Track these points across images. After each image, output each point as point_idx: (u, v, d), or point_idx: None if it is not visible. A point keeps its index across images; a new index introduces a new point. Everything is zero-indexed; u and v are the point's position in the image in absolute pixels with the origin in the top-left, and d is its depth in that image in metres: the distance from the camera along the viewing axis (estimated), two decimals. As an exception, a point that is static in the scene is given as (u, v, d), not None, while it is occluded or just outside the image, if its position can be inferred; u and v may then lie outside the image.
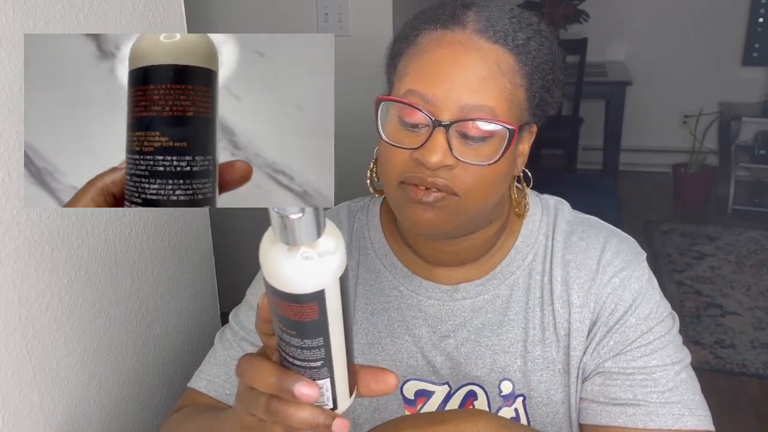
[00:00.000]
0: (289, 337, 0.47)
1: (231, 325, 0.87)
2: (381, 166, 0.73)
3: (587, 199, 0.93)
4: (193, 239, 1.25)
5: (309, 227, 0.42)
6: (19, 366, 0.85)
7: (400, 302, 0.82)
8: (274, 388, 0.48)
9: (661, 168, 4.16)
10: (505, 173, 0.72)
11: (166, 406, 1.18)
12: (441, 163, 0.66)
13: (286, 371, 0.49)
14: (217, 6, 2.24)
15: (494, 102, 0.67)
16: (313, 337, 0.46)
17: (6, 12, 0.80)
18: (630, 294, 0.77)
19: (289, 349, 0.48)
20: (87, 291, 0.97)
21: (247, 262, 1.19)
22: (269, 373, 0.49)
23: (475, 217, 0.73)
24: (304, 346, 0.47)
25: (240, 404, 0.53)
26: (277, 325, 0.48)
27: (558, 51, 0.74)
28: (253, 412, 0.51)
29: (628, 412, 0.74)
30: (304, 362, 0.48)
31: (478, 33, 0.68)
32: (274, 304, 0.46)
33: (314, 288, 0.44)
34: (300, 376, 0.48)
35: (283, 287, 0.44)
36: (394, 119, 0.70)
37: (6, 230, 0.81)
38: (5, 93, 0.79)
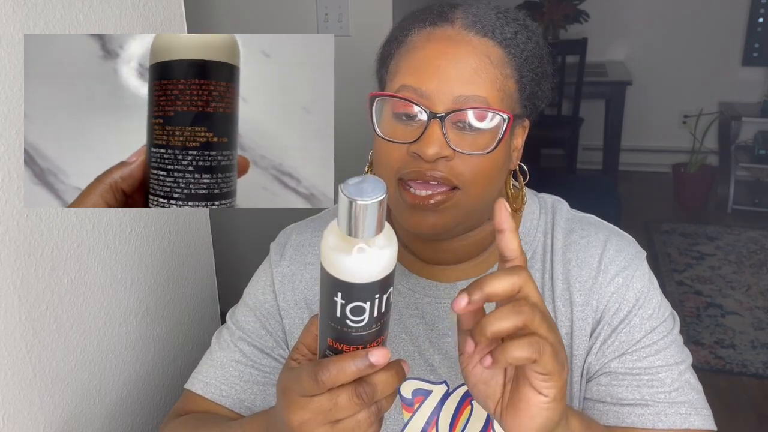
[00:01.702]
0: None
1: (228, 325, 0.87)
2: (377, 165, 0.73)
3: (587, 199, 0.92)
4: (193, 239, 1.25)
5: (371, 223, 0.45)
6: (19, 366, 0.85)
7: (397, 300, 0.82)
8: (355, 371, 0.49)
9: (661, 168, 4.16)
10: (502, 165, 0.73)
11: (166, 406, 1.18)
12: (438, 155, 0.67)
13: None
14: (217, 6, 2.24)
15: (487, 92, 0.68)
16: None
17: (6, 12, 0.79)
18: (633, 293, 0.77)
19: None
20: (87, 291, 0.97)
21: (247, 262, 1.19)
22: (342, 364, 0.50)
23: (475, 210, 0.73)
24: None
25: (322, 428, 0.52)
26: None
27: (545, 45, 0.75)
28: (341, 415, 0.51)
29: (636, 412, 0.74)
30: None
31: (467, 28, 0.70)
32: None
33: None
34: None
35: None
36: (388, 115, 0.70)
37: (6, 230, 0.81)
38: (5, 93, 0.79)
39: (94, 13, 0.95)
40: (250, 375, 0.83)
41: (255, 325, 0.84)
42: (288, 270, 0.84)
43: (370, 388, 0.51)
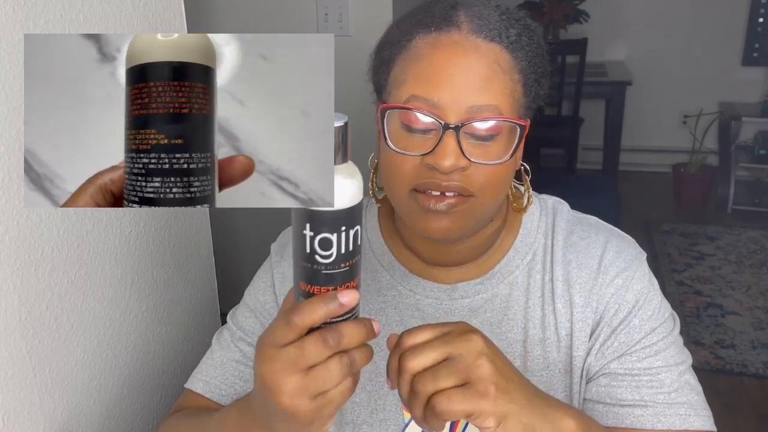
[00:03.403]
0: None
1: (229, 325, 0.87)
2: (387, 176, 0.72)
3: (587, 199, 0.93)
4: (193, 239, 1.25)
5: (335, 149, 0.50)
6: (19, 366, 0.85)
7: (398, 302, 0.82)
8: (326, 311, 0.51)
9: (661, 168, 4.16)
10: (512, 170, 0.74)
11: (166, 406, 1.18)
12: (455, 167, 0.66)
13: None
14: (217, 6, 2.24)
15: (499, 100, 0.68)
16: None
17: (6, 12, 0.79)
18: (633, 295, 0.77)
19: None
20: (87, 291, 0.97)
21: (247, 262, 1.19)
22: (312, 305, 0.52)
23: (486, 216, 0.73)
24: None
25: (298, 385, 0.52)
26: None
27: (543, 42, 0.75)
28: (309, 362, 0.52)
29: (635, 413, 0.74)
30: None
31: (474, 33, 0.68)
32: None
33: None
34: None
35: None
36: (397, 126, 0.69)
37: (6, 230, 0.81)
38: (5, 93, 0.79)
39: (94, 13, 0.95)
40: (250, 375, 0.83)
41: (255, 326, 0.84)
42: (288, 271, 0.84)
43: (336, 333, 0.52)
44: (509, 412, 0.57)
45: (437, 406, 0.56)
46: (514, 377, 0.60)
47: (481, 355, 0.57)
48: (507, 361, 0.61)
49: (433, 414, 0.56)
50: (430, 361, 0.57)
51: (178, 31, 1.18)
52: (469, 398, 0.56)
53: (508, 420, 0.58)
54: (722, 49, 3.95)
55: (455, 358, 0.57)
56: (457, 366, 0.57)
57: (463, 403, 0.56)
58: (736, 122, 3.64)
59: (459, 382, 0.57)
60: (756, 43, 3.83)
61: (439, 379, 0.56)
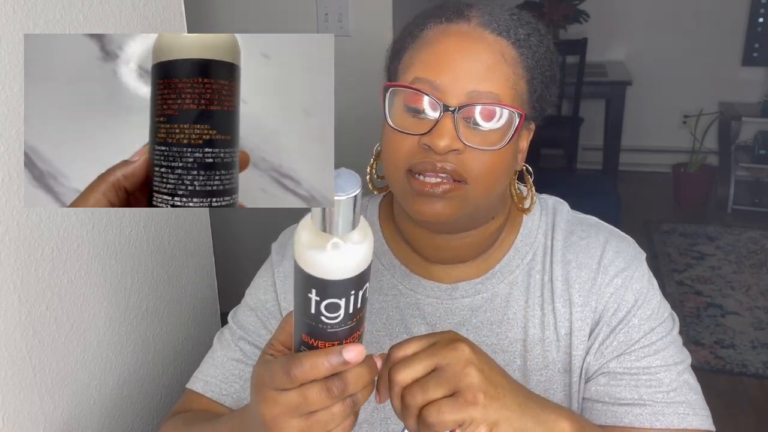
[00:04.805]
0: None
1: (230, 325, 0.87)
2: (386, 156, 0.73)
3: (587, 199, 0.92)
4: (193, 239, 1.25)
5: (346, 219, 0.44)
6: (19, 366, 0.85)
7: (399, 301, 0.82)
8: (329, 367, 0.50)
9: (661, 168, 4.16)
10: (509, 163, 0.73)
11: (166, 406, 1.18)
12: (449, 147, 0.67)
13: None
14: (217, 6, 2.24)
15: (499, 89, 0.69)
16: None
17: (6, 12, 0.80)
18: (632, 294, 0.77)
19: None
20: (87, 291, 0.97)
21: (247, 262, 1.19)
22: (315, 360, 0.50)
23: (480, 207, 0.73)
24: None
25: (299, 427, 0.52)
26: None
27: (555, 51, 0.76)
28: (311, 409, 0.51)
29: (634, 411, 0.74)
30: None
31: (483, 26, 0.71)
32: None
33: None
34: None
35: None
36: (400, 108, 0.71)
37: (6, 230, 0.81)
38: (5, 93, 0.79)
39: (94, 13, 0.95)
40: (250, 374, 0.83)
41: (256, 325, 0.85)
42: (289, 270, 0.84)
43: (341, 383, 0.51)
44: (500, 418, 0.58)
45: (428, 417, 0.56)
46: (503, 383, 0.60)
47: (468, 364, 0.57)
48: (496, 367, 0.61)
49: (425, 426, 0.56)
50: (419, 373, 0.57)
51: (178, 30, 1.18)
52: (459, 408, 0.56)
53: (500, 426, 0.58)
54: (722, 49, 3.95)
55: (443, 368, 0.57)
56: (445, 376, 0.57)
57: (453, 413, 0.56)
58: (736, 122, 3.64)
59: (448, 392, 0.57)
60: (756, 43, 3.83)
61: (428, 390, 0.56)
